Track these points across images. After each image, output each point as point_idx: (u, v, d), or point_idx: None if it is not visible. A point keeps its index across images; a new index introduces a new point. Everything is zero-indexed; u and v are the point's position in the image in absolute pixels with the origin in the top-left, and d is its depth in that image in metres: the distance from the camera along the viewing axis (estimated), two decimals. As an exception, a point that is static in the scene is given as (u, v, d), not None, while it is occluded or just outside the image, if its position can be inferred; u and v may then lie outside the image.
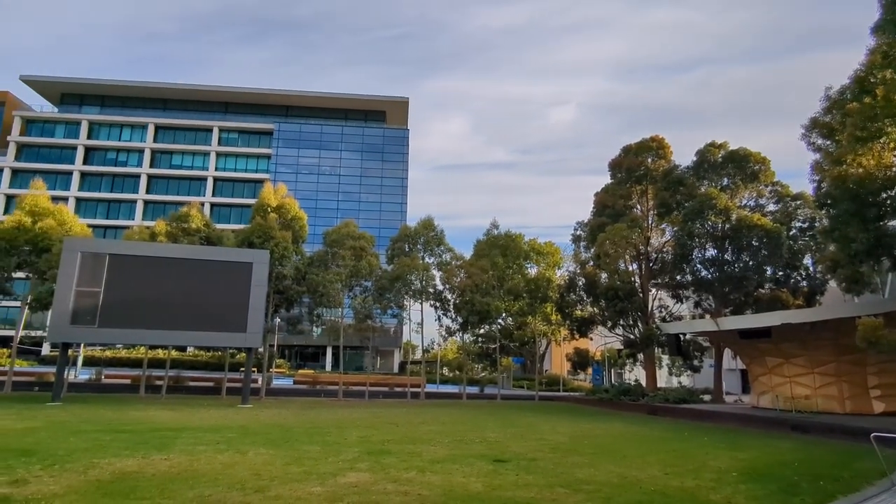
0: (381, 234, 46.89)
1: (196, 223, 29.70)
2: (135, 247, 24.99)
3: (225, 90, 70.51)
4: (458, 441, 13.02)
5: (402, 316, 35.56)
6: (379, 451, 11.00)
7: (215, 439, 11.99)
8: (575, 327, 34.37)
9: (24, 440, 11.14)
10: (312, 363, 60.91)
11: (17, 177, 64.54)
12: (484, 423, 18.29)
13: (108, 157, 68.16)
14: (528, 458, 10.57)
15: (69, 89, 69.82)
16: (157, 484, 7.33)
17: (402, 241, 33.33)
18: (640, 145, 32.58)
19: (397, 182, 68.47)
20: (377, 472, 8.71)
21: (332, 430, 14.55)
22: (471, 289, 30.55)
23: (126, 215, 64.92)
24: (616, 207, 32.07)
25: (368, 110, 73.30)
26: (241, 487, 7.27)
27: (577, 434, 15.59)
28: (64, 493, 6.67)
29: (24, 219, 27.64)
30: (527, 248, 35.24)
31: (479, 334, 36.84)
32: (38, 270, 27.32)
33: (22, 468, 8.06)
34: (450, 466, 9.39)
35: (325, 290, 29.82)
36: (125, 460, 9.00)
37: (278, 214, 30.31)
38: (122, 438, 11.72)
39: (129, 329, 22.90)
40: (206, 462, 9.12)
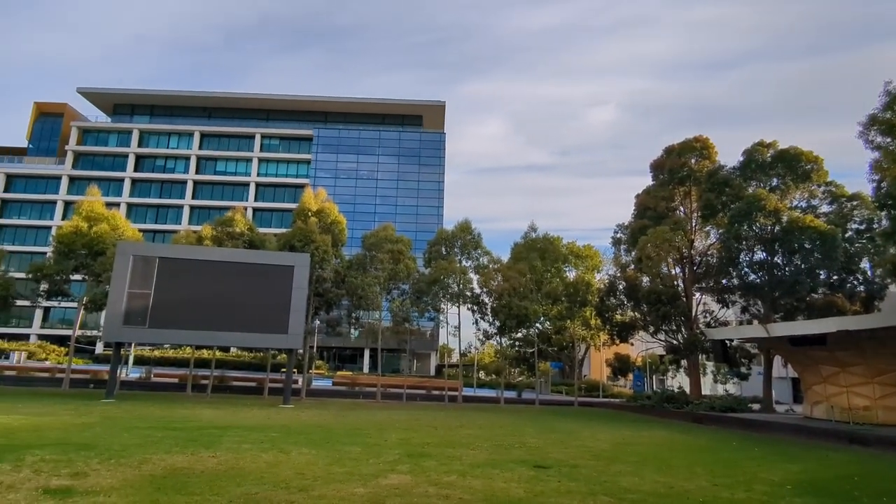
0: (417, 238, 47.16)
1: (240, 227, 30.57)
2: (183, 250, 25.90)
3: (266, 98, 72.51)
4: (498, 446, 12.91)
5: (438, 319, 35.63)
6: (419, 453, 11.01)
7: (259, 438, 12.25)
8: (615, 332, 33.65)
9: (83, 435, 11.66)
10: (350, 365, 61.71)
11: (74, 184, 68.06)
12: (523, 428, 18.08)
13: (157, 164, 71.08)
14: (569, 465, 10.37)
15: (121, 100, 73.23)
16: (206, 480, 7.54)
17: (439, 245, 33.40)
18: (684, 146, 31.69)
19: (434, 185, 68.80)
20: (418, 474, 8.71)
21: (371, 432, 14.66)
22: (508, 292, 30.33)
23: (174, 220, 67.47)
24: (658, 210, 31.26)
25: (405, 115, 74.02)
26: (286, 486, 7.39)
27: (619, 441, 15.22)
28: (120, 486, 6.93)
29: (81, 224, 29.10)
30: (565, 251, 34.78)
31: (517, 338, 36.51)
32: (94, 273, 28.67)
33: (81, 461, 8.43)
34: (490, 471, 9.30)
35: (363, 293, 30.16)
36: (175, 456, 9.29)
37: (318, 218, 30.87)
38: (171, 435, 12.12)
39: (176, 330, 23.73)
40: (252, 460, 9.32)
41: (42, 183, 68.97)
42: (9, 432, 11.69)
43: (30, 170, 69.01)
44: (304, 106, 73.21)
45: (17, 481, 6.95)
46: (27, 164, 69.54)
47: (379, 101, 72.25)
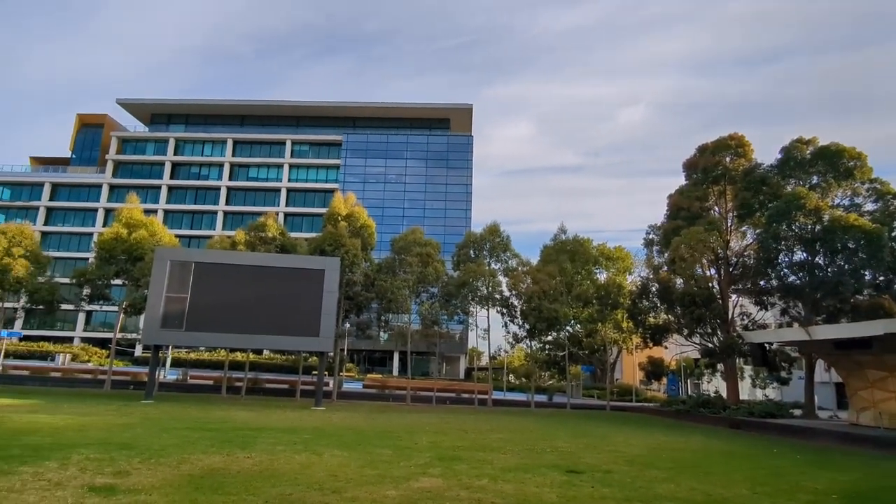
0: (446, 241, 47.22)
1: (272, 232, 31.14)
2: (217, 255, 26.52)
3: (296, 105, 73.85)
4: (529, 450, 12.78)
5: (467, 322, 35.54)
6: (450, 457, 10.98)
7: (292, 440, 12.42)
8: (648, 335, 32.99)
9: (124, 435, 12.03)
10: (380, 367, 62.14)
11: (114, 192, 70.57)
12: (554, 432, 17.87)
13: (191, 172, 73.14)
14: (602, 470, 10.18)
15: (158, 110, 75.65)
16: (242, 481, 7.67)
17: (468, 248, 33.35)
18: (718, 144, 30.89)
19: (462, 188, 68.85)
20: (449, 478, 8.68)
21: (402, 435, 14.70)
22: (538, 295, 30.07)
23: (208, 226, 69.26)
24: (691, 210, 30.55)
25: (433, 118, 74.33)
26: (319, 488, 7.46)
27: (653, 447, 14.88)
28: (160, 485, 7.12)
29: (121, 230, 30.12)
30: (596, 252, 34.29)
31: (547, 341, 36.13)
32: (133, 278, 29.63)
33: (123, 461, 8.69)
34: (522, 475, 9.21)
35: (392, 296, 30.34)
36: (212, 457, 9.49)
37: (348, 223, 31.21)
38: (208, 436, 12.39)
39: (211, 333, 24.30)
40: (286, 461, 9.44)
41: (84, 191, 71.75)
42: (56, 431, 12.15)
43: (73, 179, 71.88)
44: (334, 112, 74.30)
45: (65, 479, 7.20)
46: (70, 174, 72.46)
47: (406, 105, 72.76)
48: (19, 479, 7.10)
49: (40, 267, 30.73)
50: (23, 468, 7.74)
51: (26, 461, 8.25)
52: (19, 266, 28.87)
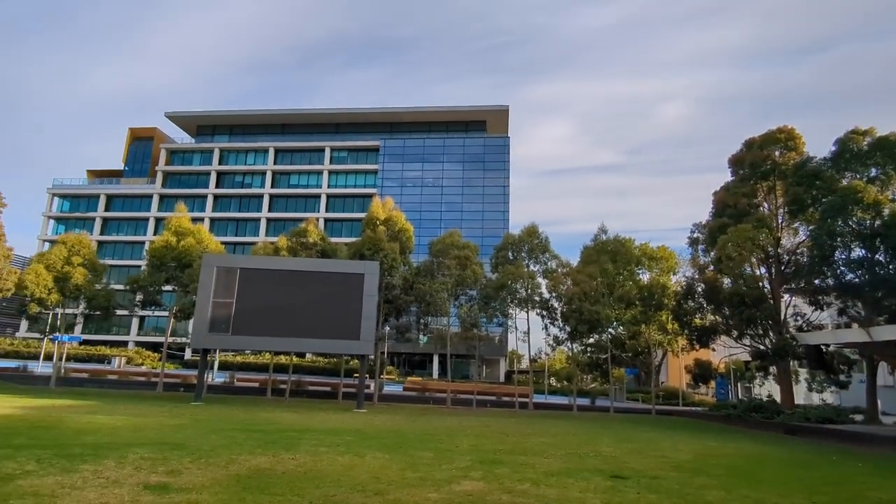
0: (484, 243, 47.05)
1: (313, 238, 31.79)
2: (261, 261, 27.27)
3: (335, 112, 75.27)
4: (572, 454, 12.55)
5: (507, 324, 35.27)
6: (491, 460, 10.90)
7: (335, 442, 12.60)
8: (694, 337, 31.89)
9: (176, 435, 12.48)
10: (420, 370, 62.44)
11: (163, 201, 73.62)
12: (598, 436, 17.50)
13: (235, 180, 75.54)
14: (648, 476, 9.89)
15: (203, 121, 78.55)
16: (287, 481, 7.82)
17: (506, 250, 33.13)
18: (766, 137, 29.62)
19: (499, 190, 68.55)
20: (491, 481, 8.61)
21: (443, 438, 14.70)
22: (579, 296, 29.57)
23: (252, 232, 71.33)
24: (738, 207, 29.39)
25: (469, 121, 74.35)
26: (362, 489, 7.53)
27: (702, 452, 14.36)
28: (210, 484, 7.34)
29: (170, 238, 31.37)
30: (638, 252, 33.45)
31: (589, 344, 35.42)
32: (182, 284, 30.78)
33: (175, 460, 9.01)
34: (565, 480, 9.04)
35: (431, 299, 30.45)
36: (258, 457, 9.72)
37: (386, 227, 31.54)
38: (254, 437, 12.71)
39: (256, 336, 24.99)
40: (329, 463, 9.58)
41: (136, 202, 75.17)
42: (113, 431, 12.72)
43: (125, 190, 75.42)
44: (371, 118, 75.36)
45: (122, 477, 7.53)
46: (123, 185, 76.07)
47: (442, 108, 73.07)
48: (80, 476, 7.46)
49: (97, 275, 32.30)
50: (84, 466, 8.13)
51: (87, 459, 8.66)
52: (78, 274, 30.43)
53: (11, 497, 6.20)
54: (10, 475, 7.29)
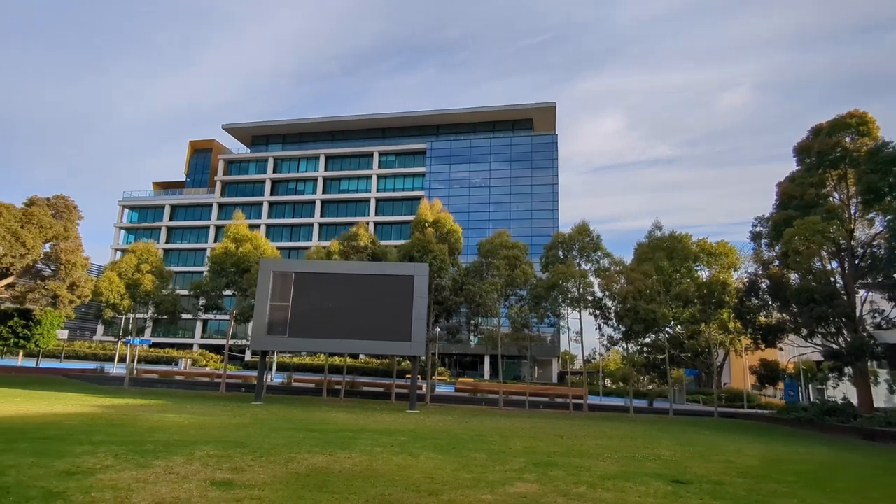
0: (533, 243, 46.55)
1: (363, 241, 32.39)
2: (315, 265, 28.01)
3: (382, 117, 76.48)
4: (629, 457, 12.20)
5: (559, 325, 34.72)
6: (545, 462, 10.75)
7: (390, 442, 12.77)
8: (759, 336, 30.32)
9: (238, 434, 13.00)
10: (471, 371, 62.43)
11: (222, 210, 77.01)
12: (657, 439, 16.93)
13: (289, 187, 78.05)
14: (712, 482, 9.48)
15: (258, 132, 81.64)
16: (344, 480, 7.99)
17: (556, 249, 32.62)
18: (835, 123, 27.79)
19: (548, 188, 67.64)
20: (545, 484, 8.49)
21: (496, 439, 14.62)
22: (633, 295, 28.74)
23: (305, 237, 73.49)
24: (805, 198, 27.71)
25: (515, 119, 73.81)
26: (416, 489, 7.59)
27: (770, 458, 13.64)
28: (271, 482, 7.60)
29: (229, 245, 32.74)
30: (696, 248, 32.17)
31: (645, 344, 34.36)
32: (241, 288, 32.05)
33: (238, 458, 9.39)
34: (622, 484, 8.80)
35: (481, 300, 30.37)
36: (316, 456, 9.98)
37: (435, 229, 31.73)
38: (312, 437, 13.07)
39: (312, 339, 25.67)
40: (384, 463, 9.72)
41: (197, 210, 79.00)
42: (182, 430, 13.39)
43: (188, 200, 79.39)
44: (417, 121, 76.12)
45: (190, 473, 7.91)
46: (186, 195, 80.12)
47: (488, 108, 72.85)
48: (153, 471, 7.90)
49: (164, 281, 34.11)
50: (156, 462, 8.60)
51: (158, 456, 9.16)
52: (147, 281, 32.24)
53: (93, 489, 6.64)
54: (91, 469, 7.80)
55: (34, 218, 37.30)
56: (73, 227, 40.15)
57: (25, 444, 9.80)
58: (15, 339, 39.29)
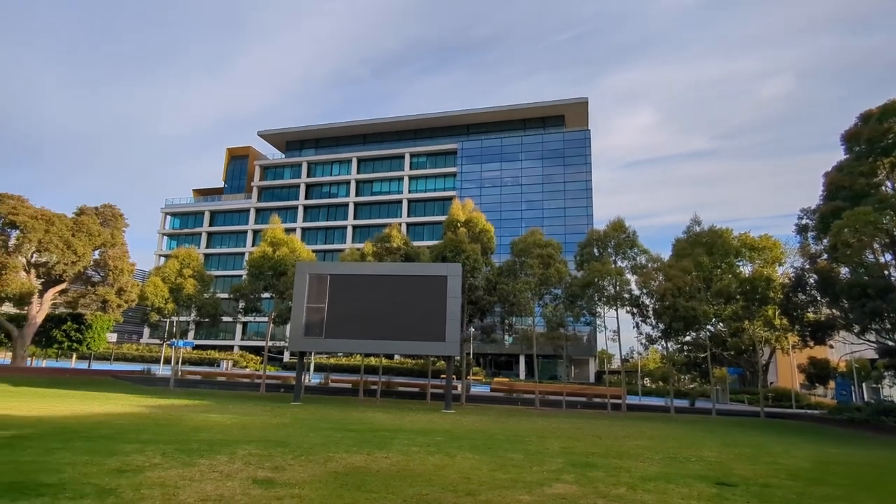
0: (567, 240, 46.00)
1: (396, 242, 32.63)
2: (349, 267, 28.39)
3: (412, 119, 76.94)
4: (671, 458, 11.89)
5: (595, 323, 34.16)
6: (584, 463, 10.58)
7: (426, 442, 12.80)
8: (807, 333, 29.13)
9: (278, 433, 13.27)
10: (506, 371, 62.13)
11: (259, 214, 78.91)
12: (699, 440, 16.46)
13: (323, 191, 79.37)
14: (759, 484, 9.14)
15: (291, 137, 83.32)
16: (382, 480, 8.05)
17: (591, 246, 32.10)
18: (886, 109, 26.41)
19: (581, 185, 66.71)
20: (584, 485, 8.35)
21: (532, 439, 14.49)
22: (672, 292, 28.02)
23: (339, 240, 74.57)
24: (855, 188, 26.45)
25: (546, 116, 73.12)
26: (454, 489, 7.58)
27: (821, 460, 13.08)
28: (311, 480, 7.72)
29: (266, 249, 33.50)
30: (737, 243, 31.14)
31: (685, 342, 33.47)
32: (278, 291, 32.74)
33: (279, 457, 9.58)
34: (664, 486, 8.57)
35: (515, 300, 30.15)
36: (354, 456, 10.09)
37: (467, 228, 31.69)
38: (349, 436, 13.23)
39: (347, 339, 26.02)
40: (420, 462, 9.75)
41: (235, 216, 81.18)
42: (224, 429, 13.76)
43: (226, 206, 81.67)
44: (448, 121, 76.26)
45: (233, 471, 8.11)
46: (224, 201, 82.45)
47: (518, 106, 72.37)
48: (198, 469, 8.13)
49: (205, 285, 35.17)
50: (200, 460, 8.86)
51: (203, 454, 9.43)
52: (189, 285, 33.30)
53: (143, 486, 6.89)
54: (140, 467, 8.09)
55: (84, 227, 39.08)
56: (120, 234, 41.90)
57: (80, 442, 10.25)
58: (69, 342, 41.25)
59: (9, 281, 35.71)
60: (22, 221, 36.04)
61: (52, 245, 36.90)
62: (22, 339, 38.98)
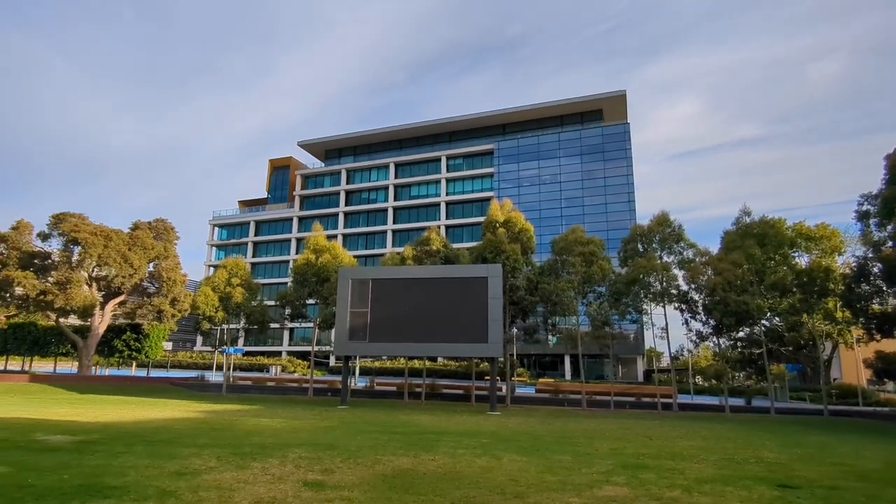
0: (609, 237, 45.02)
1: (436, 245, 32.75)
2: (390, 271, 28.68)
3: (447, 121, 77.17)
4: (727, 459, 11.44)
5: (642, 321, 33.31)
6: (634, 464, 10.31)
7: (472, 444, 12.76)
8: (873, 326, 27.48)
9: (327, 437, 13.51)
10: (551, 371, 61.34)
11: (302, 223, 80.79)
12: (757, 440, 15.78)
13: (362, 197, 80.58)
14: (825, 486, 8.68)
15: (330, 146, 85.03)
16: (429, 482, 8.06)
17: (635, 242, 31.33)
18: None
19: (622, 180, 65.24)
20: (636, 487, 8.13)
21: (580, 440, 14.23)
22: (722, 287, 27.01)
23: (380, 245, 75.48)
24: (920, 169, 24.83)
25: (584, 112, 71.93)
26: (501, 492, 7.52)
27: (894, 461, 12.30)
28: (359, 483, 7.82)
29: (310, 256, 34.26)
30: (791, 233, 29.75)
31: (739, 338, 32.16)
32: (322, 297, 33.41)
33: (328, 459, 9.75)
34: (721, 488, 8.25)
35: (557, 299, 29.74)
36: (401, 458, 10.16)
37: (506, 229, 31.51)
38: (396, 439, 13.33)
39: (391, 343, 26.28)
40: (467, 465, 9.72)
41: (279, 225, 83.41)
42: (275, 433, 14.12)
43: (270, 215, 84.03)
44: (483, 122, 76.12)
45: (284, 474, 8.31)
46: (268, 211, 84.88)
47: (555, 103, 71.47)
48: (251, 472, 8.37)
49: (253, 293, 36.26)
50: (253, 463, 9.11)
51: (255, 458, 9.70)
52: (238, 293, 34.41)
53: (200, 489, 7.14)
54: (197, 470, 8.39)
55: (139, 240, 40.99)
56: (172, 246, 43.72)
57: (141, 446, 10.72)
58: (129, 351, 43.32)
59: (74, 295, 37.81)
60: (83, 238, 38.13)
61: (110, 259, 38.85)
62: (87, 350, 41.20)
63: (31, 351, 45.53)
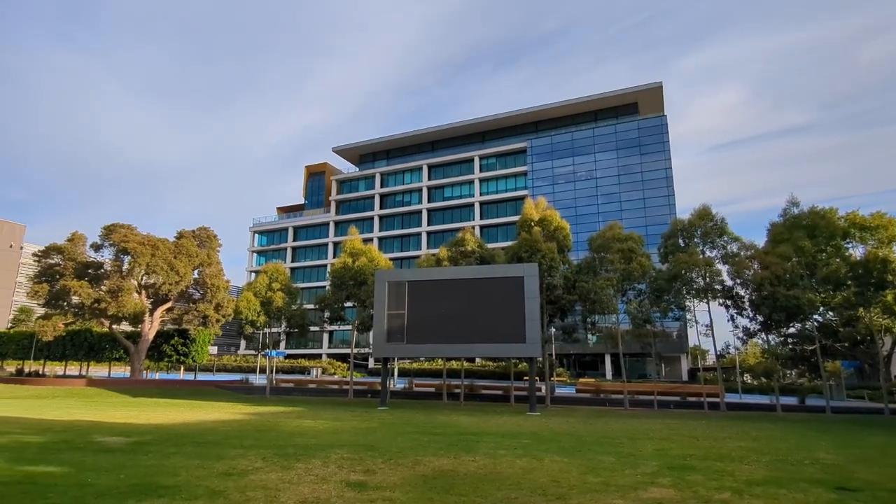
0: (649, 233, 43.99)
1: (470, 246, 32.71)
2: (426, 273, 28.81)
3: (479, 121, 76.99)
4: (780, 461, 11.00)
5: (685, 318, 32.38)
6: (681, 466, 10.03)
7: (512, 444, 12.68)
8: (935, 319, 25.96)
9: (368, 438, 13.66)
10: (591, 371, 60.32)
11: (338, 227, 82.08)
12: (812, 441, 15.10)
13: (396, 200, 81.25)
14: (887, 489, 8.24)
15: (364, 150, 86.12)
16: (470, 483, 8.05)
17: (676, 237, 30.48)
18: None
19: (660, 174, 63.59)
20: (682, 489, 7.90)
21: (624, 441, 13.94)
22: (770, 281, 25.98)
23: (415, 247, 75.91)
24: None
25: (618, 105, 70.50)
26: (543, 493, 7.43)
27: (965, 462, 11.56)
28: (401, 483, 7.87)
29: (347, 260, 34.76)
30: (844, 224, 28.36)
31: (789, 334, 30.86)
32: (360, 299, 33.82)
33: (369, 460, 9.86)
34: (774, 490, 7.93)
35: (596, 297, 29.23)
36: (441, 459, 10.18)
37: (541, 227, 31.20)
38: (436, 440, 13.37)
39: (428, 344, 26.39)
40: (508, 466, 9.66)
41: (316, 230, 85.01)
42: (317, 434, 14.38)
43: (307, 221, 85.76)
44: (515, 120, 75.61)
45: (327, 475, 8.45)
46: (305, 217, 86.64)
47: (588, 98, 70.33)
48: (295, 473, 8.54)
49: (293, 297, 37.04)
50: (297, 464, 9.30)
51: (299, 458, 9.90)
52: (278, 298, 35.22)
53: (248, 489, 7.34)
54: (244, 471, 8.63)
55: (184, 249, 42.51)
56: (215, 254, 45.16)
57: (191, 448, 11.10)
58: (177, 355, 44.97)
59: (125, 302, 39.52)
60: (132, 248, 39.81)
61: (158, 267, 40.44)
62: (138, 355, 42.98)
63: (87, 356, 47.84)
